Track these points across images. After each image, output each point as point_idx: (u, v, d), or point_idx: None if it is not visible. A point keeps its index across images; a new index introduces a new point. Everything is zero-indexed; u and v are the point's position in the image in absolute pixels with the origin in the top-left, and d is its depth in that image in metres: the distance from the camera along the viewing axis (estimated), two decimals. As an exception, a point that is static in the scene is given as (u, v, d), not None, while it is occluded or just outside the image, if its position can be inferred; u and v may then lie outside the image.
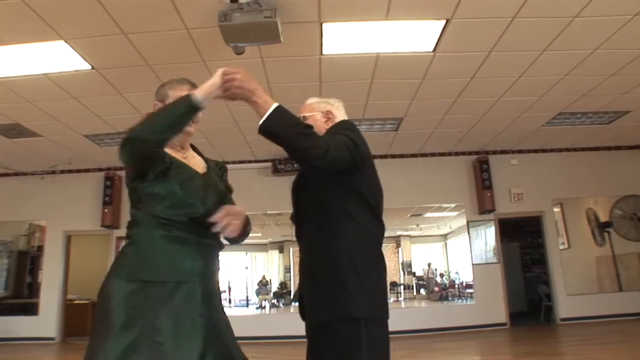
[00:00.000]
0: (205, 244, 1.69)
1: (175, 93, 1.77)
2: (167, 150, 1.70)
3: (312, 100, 2.13)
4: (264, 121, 1.64)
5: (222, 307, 1.77)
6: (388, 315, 1.79)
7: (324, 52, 4.76)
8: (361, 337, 1.67)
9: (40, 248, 8.61)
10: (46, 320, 8.12)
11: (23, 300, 8.53)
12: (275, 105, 1.65)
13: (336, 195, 1.83)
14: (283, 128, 1.65)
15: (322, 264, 1.78)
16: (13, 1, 3.70)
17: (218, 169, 1.93)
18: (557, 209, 8.71)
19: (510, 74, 5.43)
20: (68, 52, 4.56)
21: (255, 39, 3.97)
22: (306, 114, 2.06)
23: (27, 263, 8.79)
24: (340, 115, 2.09)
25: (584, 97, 6.12)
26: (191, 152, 1.89)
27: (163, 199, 1.63)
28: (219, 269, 1.77)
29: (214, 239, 1.74)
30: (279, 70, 5.12)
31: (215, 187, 1.81)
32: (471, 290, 8.18)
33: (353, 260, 1.74)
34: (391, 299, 8.69)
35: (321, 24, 4.25)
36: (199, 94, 1.60)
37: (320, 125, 2.00)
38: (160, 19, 4.11)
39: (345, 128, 1.93)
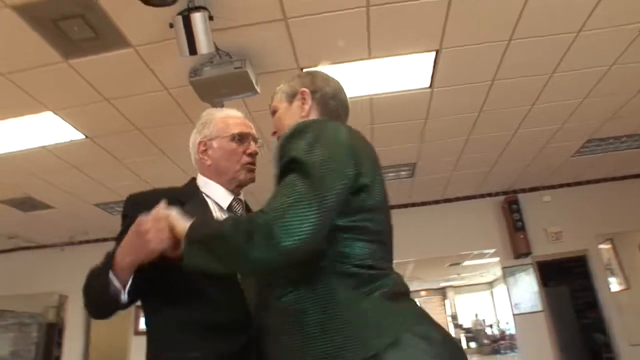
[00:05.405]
0: None
1: None
2: None
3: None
4: None
5: None
6: None
7: (312, 99, 4.53)
8: None
9: (68, 320, 8.48)
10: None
11: (48, 377, 8.34)
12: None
13: None
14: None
15: None
16: (-9, 76, 3.70)
17: None
18: (607, 246, 7.89)
19: (521, 102, 5.01)
20: (59, 123, 4.54)
21: (230, 93, 3.76)
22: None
23: (55, 336, 8.66)
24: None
25: (612, 119, 5.57)
26: None
27: None
28: None
29: None
30: (269, 122, 4.89)
31: None
32: (522, 342, 7.38)
33: None
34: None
35: (301, 70, 4.05)
36: None
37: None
38: (138, 82, 4.02)
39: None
